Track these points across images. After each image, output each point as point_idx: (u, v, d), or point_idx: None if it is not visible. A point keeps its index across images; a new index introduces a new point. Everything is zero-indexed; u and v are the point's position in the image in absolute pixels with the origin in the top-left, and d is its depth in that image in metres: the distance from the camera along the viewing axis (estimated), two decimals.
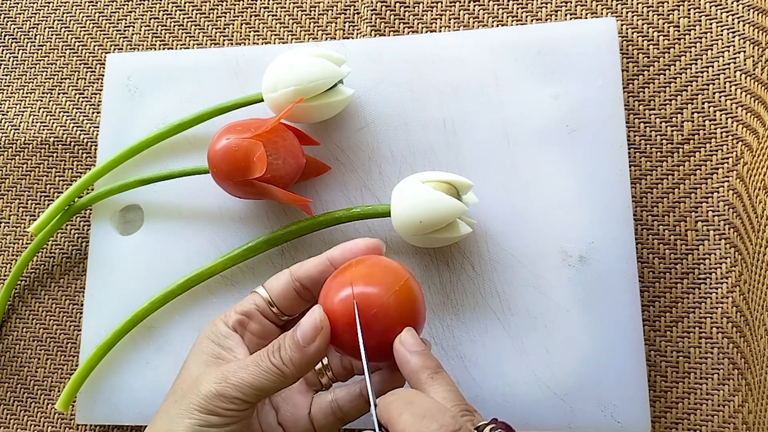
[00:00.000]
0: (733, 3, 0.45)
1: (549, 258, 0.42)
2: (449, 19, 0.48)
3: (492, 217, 0.43)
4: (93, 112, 0.52)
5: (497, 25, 0.48)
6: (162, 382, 0.45)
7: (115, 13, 0.54)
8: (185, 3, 0.53)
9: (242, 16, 0.52)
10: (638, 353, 0.40)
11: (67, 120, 0.53)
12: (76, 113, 0.53)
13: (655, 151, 0.44)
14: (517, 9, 0.47)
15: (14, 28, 0.55)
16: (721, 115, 0.44)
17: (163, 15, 0.53)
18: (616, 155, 0.42)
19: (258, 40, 0.51)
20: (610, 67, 0.43)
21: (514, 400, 0.41)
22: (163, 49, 0.52)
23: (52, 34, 0.54)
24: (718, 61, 0.44)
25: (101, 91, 0.52)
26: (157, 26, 0.53)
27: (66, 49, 0.54)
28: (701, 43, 0.45)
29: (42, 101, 0.53)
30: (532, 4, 0.47)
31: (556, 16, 0.47)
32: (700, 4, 0.45)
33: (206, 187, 0.46)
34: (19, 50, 0.55)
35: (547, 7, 0.47)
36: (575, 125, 0.43)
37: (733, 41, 0.44)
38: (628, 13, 0.46)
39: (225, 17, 0.52)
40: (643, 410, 0.40)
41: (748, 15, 0.44)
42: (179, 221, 0.47)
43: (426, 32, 0.48)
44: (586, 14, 0.47)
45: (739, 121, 0.43)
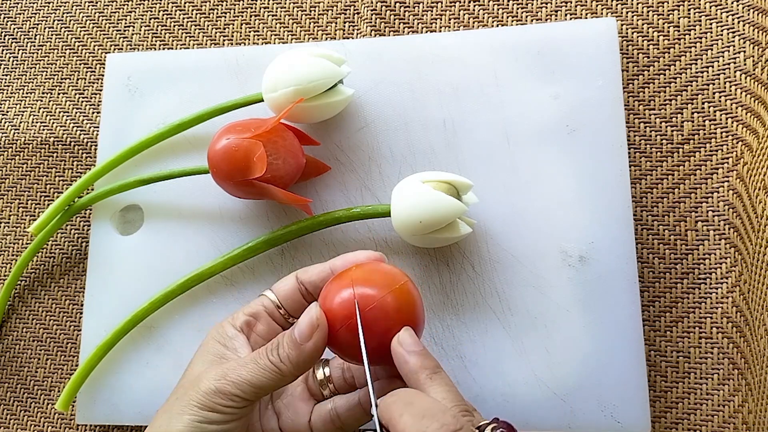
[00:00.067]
0: (733, 3, 0.45)
1: (549, 258, 0.42)
2: (449, 19, 0.48)
3: (492, 217, 0.43)
4: (93, 112, 0.52)
5: (497, 25, 0.48)
6: (162, 382, 0.45)
7: (115, 13, 0.54)
8: (185, 3, 0.53)
9: (242, 16, 0.52)
10: (638, 353, 0.40)
11: (67, 120, 0.53)
12: (76, 113, 0.53)
13: (655, 151, 0.44)
14: (517, 9, 0.47)
15: (14, 28, 0.55)
16: (721, 115, 0.44)
17: (163, 15, 0.53)
18: (616, 155, 0.42)
19: (258, 40, 0.51)
20: (610, 67, 0.43)
21: (514, 400, 0.41)
22: (163, 49, 0.52)
23: (52, 34, 0.54)
24: (718, 61, 0.44)
25: (101, 91, 0.52)
26: (157, 26, 0.53)
27: (66, 49, 0.54)
28: (701, 43, 0.45)
29: (42, 101, 0.53)
30: (532, 4, 0.47)
31: (556, 16, 0.47)
32: (700, 4, 0.45)
33: (206, 187, 0.46)
34: (19, 50, 0.55)
35: (547, 7, 0.47)
36: (575, 125, 0.43)
37: (733, 41, 0.44)
38: (628, 13, 0.46)
39: (225, 17, 0.52)
40: (643, 410, 0.40)
41: (748, 15, 0.44)
42: (179, 221, 0.47)
43: (426, 32, 0.48)
44: (586, 14, 0.47)
45: (739, 121, 0.43)
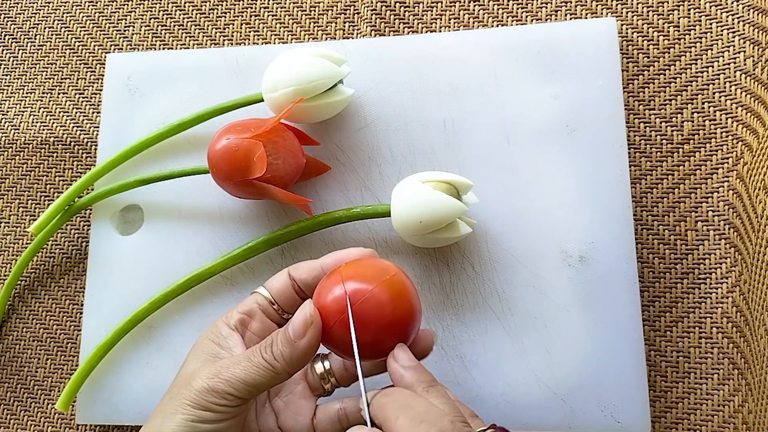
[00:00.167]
0: (733, 3, 0.45)
1: (549, 258, 0.42)
2: (449, 19, 0.48)
3: (492, 217, 0.43)
4: (93, 112, 0.52)
5: (497, 25, 0.48)
6: (162, 382, 0.45)
7: (115, 13, 0.54)
8: (185, 3, 0.53)
9: (242, 16, 0.52)
10: (638, 353, 0.40)
11: (67, 120, 0.53)
12: (76, 113, 0.53)
13: (655, 151, 0.44)
14: (517, 9, 0.47)
15: (14, 28, 0.55)
16: (721, 115, 0.44)
17: (163, 15, 0.53)
18: (616, 155, 0.42)
19: (258, 40, 0.51)
20: (610, 67, 0.43)
21: (514, 400, 0.41)
22: (163, 49, 0.52)
23: (52, 34, 0.54)
24: (718, 61, 0.44)
25: (101, 91, 0.52)
26: (157, 26, 0.53)
27: (66, 49, 0.54)
28: (701, 43, 0.45)
29: (42, 101, 0.53)
30: (532, 4, 0.47)
31: (556, 16, 0.47)
32: (700, 4, 0.45)
33: (206, 187, 0.46)
34: (19, 50, 0.55)
35: (547, 7, 0.47)
36: (575, 125, 0.43)
37: (733, 41, 0.44)
38: (628, 13, 0.46)
39: (225, 17, 0.52)
40: (643, 410, 0.40)
41: (748, 15, 0.44)
42: (179, 221, 0.47)
43: (426, 32, 0.48)
44: (586, 14, 0.47)
45: (739, 121, 0.43)
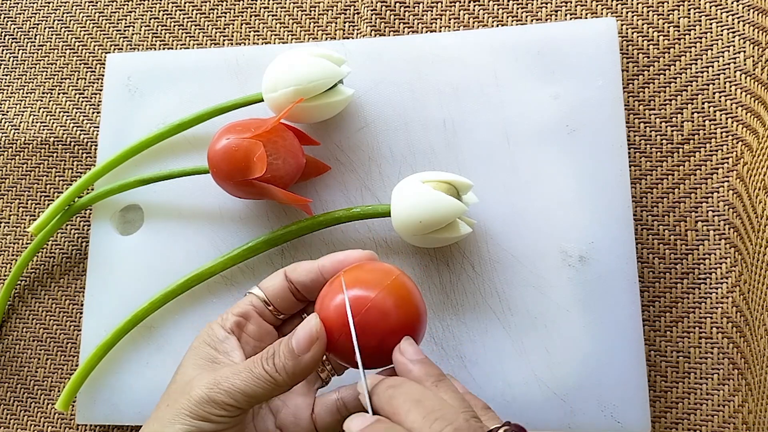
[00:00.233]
0: (733, 3, 0.45)
1: (549, 258, 0.42)
2: (449, 19, 0.48)
3: (492, 217, 0.43)
4: (93, 112, 0.52)
5: (497, 25, 0.48)
6: (162, 382, 0.45)
7: (115, 13, 0.54)
8: (185, 3, 0.53)
9: (242, 16, 0.52)
10: (638, 353, 0.40)
11: (67, 120, 0.53)
12: (76, 113, 0.53)
13: (655, 151, 0.44)
14: (517, 9, 0.47)
15: (14, 28, 0.55)
16: (721, 115, 0.44)
17: (163, 15, 0.53)
18: (616, 155, 0.42)
19: (258, 40, 0.51)
20: (610, 67, 0.43)
21: (514, 400, 0.41)
22: (163, 49, 0.52)
23: (52, 34, 0.54)
24: (718, 61, 0.44)
25: (101, 91, 0.52)
26: (157, 26, 0.53)
27: (66, 49, 0.54)
28: (701, 43, 0.45)
29: (42, 101, 0.53)
30: (532, 4, 0.47)
31: (556, 16, 0.47)
32: (700, 4, 0.45)
33: (206, 187, 0.46)
34: (19, 50, 0.55)
35: (547, 7, 0.47)
36: (575, 125, 0.43)
37: (733, 41, 0.44)
38: (628, 13, 0.46)
39: (225, 17, 0.52)
40: (643, 410, 0.40)
41: (748, 15, 0.44)
42: (179, 221, 0.47)
43: (426, 32, 0.48)
44: (586, 14, 0.46)
45: (739, 121, 0.43)
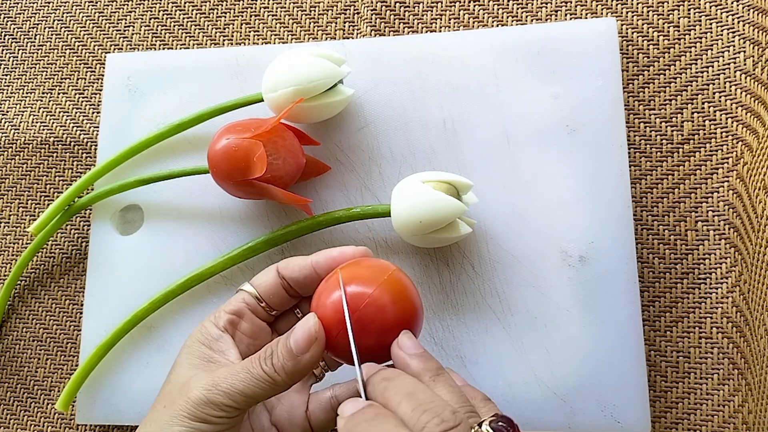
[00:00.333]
0: (733, 3, 0.45)
1: (549, 258, 0.42)
2: (449, 19, 0.48)
3: (492, 217, 0.43)
4: (93, 112, 0.52)
5: (497, 25, 0.48)
6: (162, 382, 0.45)
7: (115, 13, 0.54)
8: (185, 3, 0.53)
9: (242, 16, 0.52)
10: (638, 353, 0.40)
11: (67, 120, 0.53)
12: (76, 113, 0.53)
13: (655, 151, 0.44)
14: (517, 9, 0.47)
15: (14, 28, 0.55)
16: (721, 115, 0.44)
17: (163, 15, 0.53)
18: (616, 155, 0.42)
19: (258, 40, 0.51)
20: (610, 67, 0.43)
21: (514, 400, 0.41)
22: (163, 49, 0.52)
23: (52, 34, 0.54)
24: (718, 61, 0.44)
25: (101, 91, 0.52)
26: (157, 26, 0.53)
27: (66, 49, 0.54)
28: (701, 43, 0.45)
29: (42, 101, 0.53)
30: (532, 4, 0.47)
31: (556, 16, 0.47)
32: (700, 4, 0.45)
33: (206, 187, 0.46)
34: (19, 50, 0.55)
35: (547, 7, 0.47)
36: (575, 125, 0.43)
37: (733, 41, 0.44)
38: (628, 13, 0.46)
39: (225, 17, 0.52)
40: (643, 410, 0.40)
41: (748, 15, 0.44)
42: (179, 221, 0.47)
43: (426, 32, 0.48)
44: (586, 14, 0.46)
45: (739, 121, 0.43)
